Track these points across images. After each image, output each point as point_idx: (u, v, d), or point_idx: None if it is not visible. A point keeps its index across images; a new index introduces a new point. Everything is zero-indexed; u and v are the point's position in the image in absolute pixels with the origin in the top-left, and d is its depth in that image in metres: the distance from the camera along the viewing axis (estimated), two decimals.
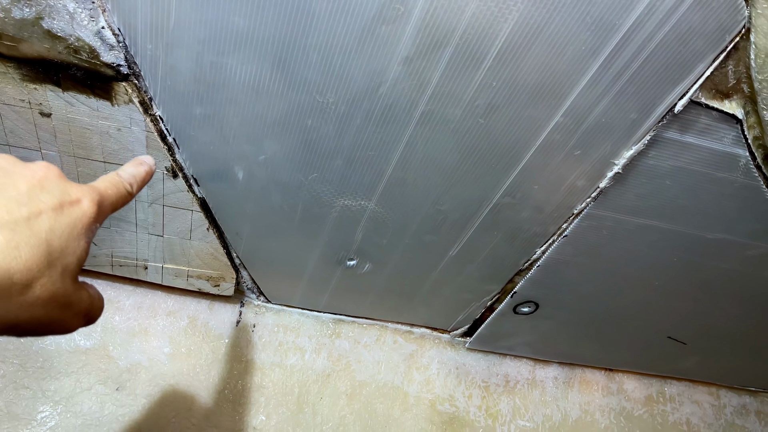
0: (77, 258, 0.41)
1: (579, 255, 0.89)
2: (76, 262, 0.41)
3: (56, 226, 0.39)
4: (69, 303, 0.41)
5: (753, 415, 1.38)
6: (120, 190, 0.49)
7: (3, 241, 0.35)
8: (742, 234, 0.83)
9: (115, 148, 0.71)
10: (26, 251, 0.36)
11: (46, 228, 0.38)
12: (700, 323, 1.08)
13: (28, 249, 0.37)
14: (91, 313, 0.45)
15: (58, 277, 0.39)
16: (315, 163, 0.73)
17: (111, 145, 0.70)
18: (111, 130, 0.69)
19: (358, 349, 1.11)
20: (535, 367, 1.23)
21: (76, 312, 0.43)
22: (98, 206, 0.44)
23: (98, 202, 0.44)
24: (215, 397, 0.98)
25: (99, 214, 0.44)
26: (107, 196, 0.47)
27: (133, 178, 0.52)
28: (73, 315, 0.42)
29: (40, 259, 0.37)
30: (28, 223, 0.38)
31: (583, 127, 0.67)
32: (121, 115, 0.67)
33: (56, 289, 0.39)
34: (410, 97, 0.64)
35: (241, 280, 1.00)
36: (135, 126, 0.68)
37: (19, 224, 0.37)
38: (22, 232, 0.37)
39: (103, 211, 0.45)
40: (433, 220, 0.83)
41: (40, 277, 0.37)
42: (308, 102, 0.65)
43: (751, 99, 0.63)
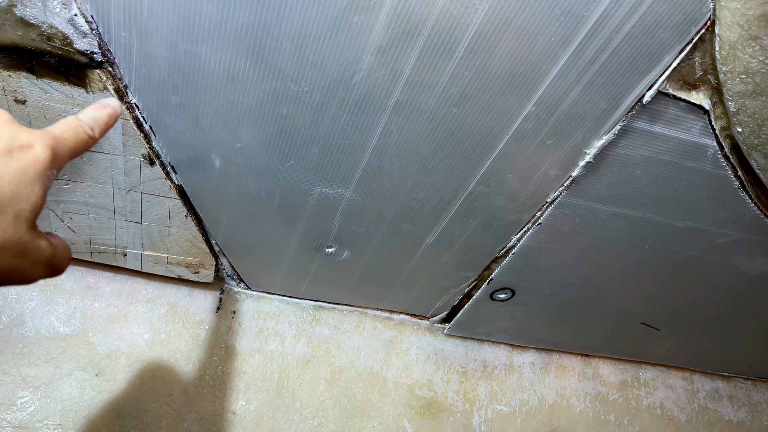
0: (31, 204, 0.40)
1: (553, 243, 0.90)
2: (30, 208, 0.40)
3: (4, 172, 0.38)
4: (25, 251, 0.40)
5: (725, 399, 1.41)
6: (79, 134, 0.47)
7: None
8: (711, 222, 0.85)
9: None
10: None
11: None
12: (673, 310, 1.11)
13: None
14: (53, 262, 0.44)
15: (10, 223, 0.38)
16: (291, 151, 0.74)
17: None
18: None
19: (337, 335, 1.12)
20: (513, 353, 1.25)
21: (35, 260, 0.41)
22: (53, 150, 0.42)
23: (52, 146, 0.43)
24: (195, 383, 0.99)
25: (54, 159, 0.42)
26: (64, 140, 0.45)
27: (95, 121, 0.50)
28: (32, 263, 0.41)
29: None
30: None
31: (554, 117, 0.68)
32: None
33: (8, 236, 0.38)
34: (384, 86, 0.64)
35: (221, 267, 1.01)
36: None
37: None
38: None
39: (59, 156, 0.43)
40: (409, 208, 0.84)
41: None
42: (283, 90, 0.65)
43: (717, 90, 0.65)
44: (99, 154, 0.74)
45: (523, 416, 1.20)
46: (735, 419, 1.39)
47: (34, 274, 0.42)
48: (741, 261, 0.94)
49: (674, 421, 1.32)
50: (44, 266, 0.43)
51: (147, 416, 0.94)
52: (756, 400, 1.44)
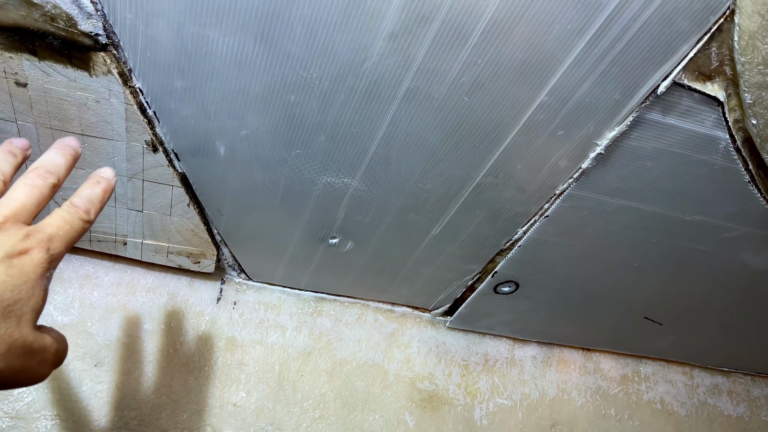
0: (32, 306, 0.41)
1: (560, 235, 0.89)
2: (32, 310, 0.41)
3: (6, 280, 0.40)
4: (31, 351, 0.41)
5: (725, 394, 1.41)
6: (74, 225, 0.48)
7: None
8: (719, 216, 0.85)
9: (94, 120, 0.69)
10: None
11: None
12: (677, 304, 1.10)
13: None
14: (58, 355, 0.46)
15: (15, 327, 0.39)
16: (298, 139, 0.73)
17: (89, 117, 0.69)
18: (89, 102, 0.67)
19: (339, 327, 1.11)
20: (514, 347, 1.24)
21: (42, 359, 0.43)
22: (49, 253, 0.44)
23: (49, 249, 0.44)
24: (195, 374, 0.98)
25: (51, 259, 0.44)
26: (59, 237, 0.46)
27: (90, 202, 0.51)
28: (39, 362, 0.43)
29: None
30: None
31: (567, 107, 0.67)
32: (100, 87, 0.65)
33: (13, 340, 0.39)
34: (395, 73, 0.63)
35: (222, 257, 1.00)
36: (114, 98, 0.67)
37: None
38: None
39: (55, 255, 0.45)
40: (416, 199, 0.83)
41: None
42: (292, 76, 0.64)
43: (733, 81, 0.64)
44: (101, 140, 0.72)
45: (524, 410, 1.20)
46: (734, 414, 1.39)
47: (41, 371, 0.44)
48: (747, 256, 0.94)
49: (674, 415, 1.32)
50: (51, 363, 0.45)
51: (146, 407, 0.93)
52: (755, 395, 1.44)
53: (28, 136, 0.71)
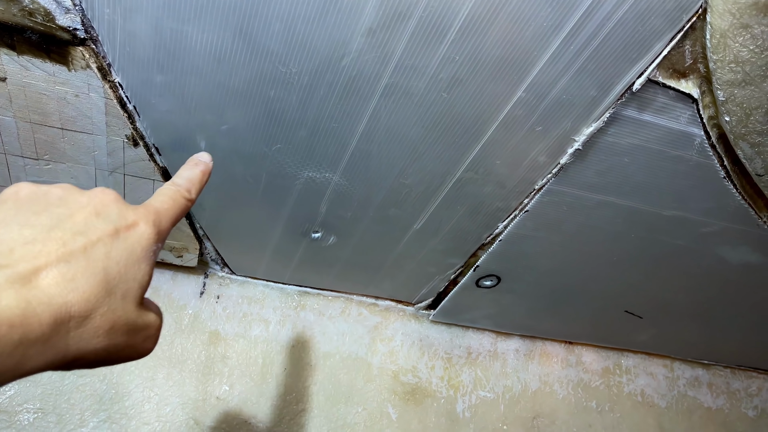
0: (138, 282, 0.40)
1: (540, 230, 0.90)
2: (138, 287, 0.40)
3: (113, 253, 0.39)
4: (135, 328, 0.40)
5: (705, 386, 1.43)
6: (178, 201, 0.47)
7: (59, 274, 0.35)
8: (696, 212, 0.86)
9: (73, 114, 0.69)
10: (83, 282, 0.36)
11: (102, 256, 0.38)
12: (656, 298, 1.12)
13: (85, 280, 0.36)
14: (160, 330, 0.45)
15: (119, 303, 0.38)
16: (278, 134, 0.73)
17: (69, 111, 0.69)
18: (68, 96, 0.67)
19: (322, 321, 1.12)
20: (497, 340, 1.25)
21: (146, 335, 0.42)
22: (156, 226, 0.43)
23: (155, 221, 0.43)
24: (178, 368, 0.98)
25: (158, 233, 0.43)
26: (164, 211, 0.45)
27: (190, 182, 0.50)
28: (144, 338, 0.42)
29: (97, 289, 0.37)
30: (84, 253, 0.37)
31: (544, 103, 0.68)
32: (79, 81, 0.65)
33: (117, 317, 0.38)
34: (374, 69, 0.63)
35: (205, 251, 1.00)
36: (93, 92, 0.67)
37: (75, 255, 0.37)
38: (78, 263, 0.36)
39: (162, 230, 0.44)
40: (397, 194, 0.84)
41: (99, 306, 0.37)
42: (271, 72, 0.64)
43: (706, 79, 0.65)
44: (81, 134, 0.72)
45: (507, 402, 1.21)
46: (714, 406, 1.41)
47: (146, 347, 0.43)
48: (724, 250, 0.95)
49: (654, 407, 1.34)
50: (155, 339, 0.44)
51: (129, 400, 0.94)
52: (735, 388, 1.46)
53: (7, 130, 0.71)
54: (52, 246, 0.36)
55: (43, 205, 0.40)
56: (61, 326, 0.35)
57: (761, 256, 0.96)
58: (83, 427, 0.90)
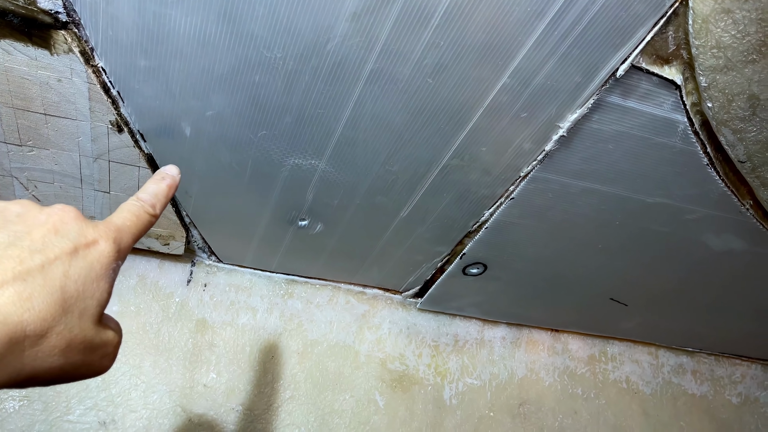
0: (97, 300, 0.40)
1: (526, 217, 0.91)
2: (96, 305, 0.40)
3: (72, 271, 0.38)
4: (91, 346, 0.40)
5: (689, 373, 1.45)
6: (141, 218, 0.47)
7: (14, 293, 0.35)
8: (680, 199, 0.87)
9: (56, 99, 0.69)
10: (39, 301, 0.36)
11: (59, 274, 0.38)
12: (641, 285, 1.13)
13: (42, 299, 0.36)
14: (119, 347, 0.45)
15: (76, 322, 0.38)
16: (264, 121, 0.73)
17: (51, 96, 0.68)
18: (51, 81, 0.67)
19: (310, 309, 1.12)
20: (484, 328, 1.26)
21: (104, 353, 0.42)
22: (117, 244, 0.43)
23: (116, 239, 0.43)
24: (165, 355, 0.98)
25: (119, 251, 0.43)
26: (126, 229, 0.45)
27: (155, 197, 0.50)
28: (102, 356, 0.42)
29: (54, 308, 0.37)
30: (41, 271, 0.37)
31: (529, 89, 0.68)
32: (61, 65, 0.65)
33: (74, 336, 0.38)
34: (359, 54, 0.63)
35: (192, 239, 1.00)
36: (76, 77, 0.66)
37: (32, 273, 0.36)
38: (35, 282, 0.36)
39: (123, 248, 0.44)
40: (383, 181, 0.84)
41: (55, 325, 0.37)
42: (255, 57, 0.64)
43: (689, 65, 0.65)
44: (65, 119, 0.72)
45: (493, 389, 1.22)
46: (698, 393, 1.43)
47: (104, 364, 0.43)
48: (708, 238, 0.96)
49: (639, 394, 1.36)
50: (112, 357, 0.44)
51: (116, 388, 0.93)
52: (718, 375, 1.48)
53: None
54: (8, 264, 0.36)
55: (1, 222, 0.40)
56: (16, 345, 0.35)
57: (744, 243, 0.97)
58: (69, 415, 0.90)
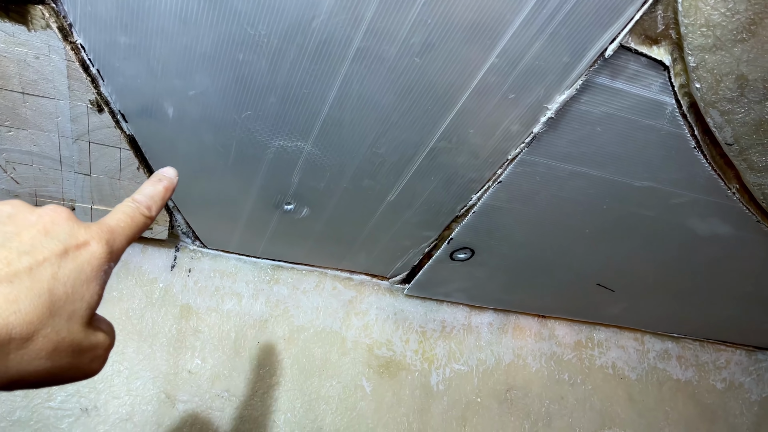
0: (87, 303, 0.39)
1: (513, 201, 0.90)
2: (86, 307, 0.39)
3: (60, 273, 0.38)
4: (80, 349, 0.39)
5: (674, 359, 1.46)
6: (136, 219, 0.46)
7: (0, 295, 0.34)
8: (667, 182, 0.86)
9: (34, 77, 0.67)
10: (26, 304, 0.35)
11: (48, 276, 0.37)
12: (628, 271, 1.13)
13: (29, 301, 0.35)
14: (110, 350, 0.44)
15: (64, 325, 0.38)
16: (248, 101, 0.71)
17: (29, 74, 0.67)
18: (28, 58, 0.65)
19: (296, 295, 1.11)
20: (471, 314, 1.26)
21: (93, 356, 0.41)
22: (109, 245, 0.42)
23: (109, 240, 0.42)
24: (149, 341, 0.97)
25: (111, 253, 0.42)
26: (120, 230, 0.44)
27: (151, 199, 0.49)
28: (91, 359, 0.41)
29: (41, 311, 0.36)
30: (29, 273, 0.36)
31: (517, 70, 0.67)
32: (39, 42, 0.63)
33: (61, 339, 0.38)
34: (345, 32, 0.62)
35: (176, 224, 0.98)
36: (54, 54, 0.65)
37: (19, 275, 0.36)
38: (22, 284, 0.36)
39: (116, 249, 0.43)
40: (370, 164, 0.83)
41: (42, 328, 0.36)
42: (239, 34, 0.63)
43: (678, 45, 0.65)
44: (43, 98, 0.70)
45: (480, 375, 1.22)
46: (683, 378, 1.44)
47: (93, 368, 0.42)
48: (694, 222, 0.96)
49: (625, 379, 1.36)
50: (103, 359, 0.43)
51: (98, 375, 0.92)
52: (703, 360, 1.49)
53: None
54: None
55: None
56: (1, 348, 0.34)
57: (729, 228, 0.97)
58: (51, 401, 0.89)
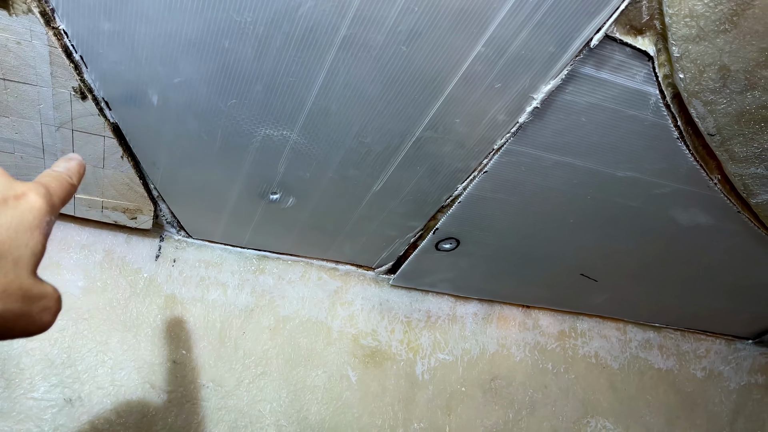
0: (31, 250, 0.41)
1: (499, 191, 0.91)
2: (31, 254, 0.41)
3: (2, 220, 0.40)
4: (29, 295, 0.41)
5: (656, 348, 1.48)
6: (63, 182, 0.49)
7: None
8: (650, 173, 0.87)
9: (15, 63, 0.66)
10: None
11: None
12: (611, 261, 1.14)
13: None
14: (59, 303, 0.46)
15: (11, 268, 0.40)
16: (233, 89, 0.71)
17: (10, 60, 0.66)
18: (9, 44, 0.64)
19: (282, 285, 1.11)
20: (456, 304, 1.27)
21: (44, 306, 0.43)
22: (46, 198, 0.44)
23: (45, 194, 0.45)
24: (133, 332, 0.96)
25: (50, 205, 0.45)
26: (53, 188, 0.47)
27: (69, 170, 0.52)
28: (41, 309, 0.43)
29: None
30: None
31: (503, 59, 0.67)
32: (20, 27, 0.62)
33: (9, 281, 0.39)
34: (331, 19, 0.62)
35: (160, 213, 0.97)
36: (36, 39, 0.64)
37: None
38: None
39: (54, 203, 0.46)
40: (356, 153, 0.83)
41: None
42: (225, 21, 0.62)
43: (662, 36, 0.65)
44: (25, 85, 0.69)
45: (465, 365, 1.23)
46: (664, 367, 1.46)
47: (44, 319, 0.44)
48: (676, 212, 0.98)
49: (607, 369, 1.38)
50: (54, 311, 0.45)
51: (82, 365, 0.91)
52: (684, 349, 1.51)
53: None
54: None
55: None
56: None
57: (711, 219, 0.99)
58: (34, 392, 0.88)
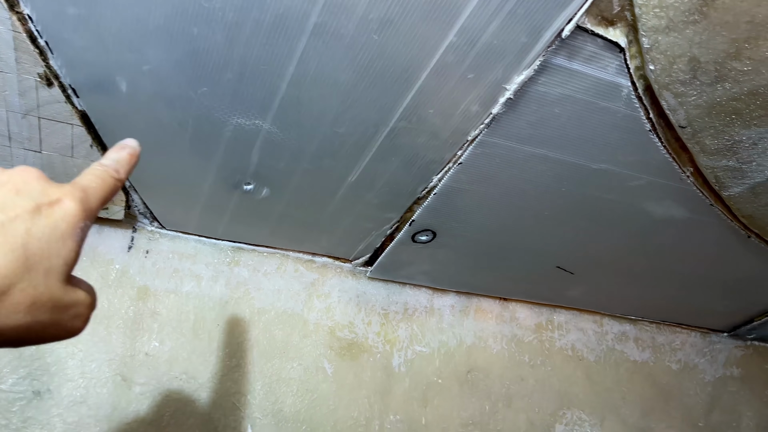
0: (63, 259, 0.40)
1: (473, 183, 0.91)
2: (63, 263, 0.40)
3: (34, 229, 0.39)
4: (60, 305, 0.41)
5: (632, 341, 1.49)
6: (106, 181, 0.47)
7: None
8: (623, 165, 0.88)
9: None
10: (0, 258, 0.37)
11: (21, 232, 0.38)
12: (587, 254, 1.15)
13: (2, 255, 0.37)
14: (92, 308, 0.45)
15: (41, 279, 0.39)
16: (204, 76, 0.70)
17: None
18: None
19: (257, 277, 1.10)
20: (434, 296, 1.27)
21: (75, 313, 0.42)
22: (83, 203, 0.43)
23: (82, 198, 0.43)
24: (104, 323, 0.95)
25: (86, 210, 0.43)
26: (92, 190, 0.45)
27: (118, 163, 0.50)
28: (72, 317, 0.42)
29: (15, 265, 0.37)
30: (1, 229, 0.37)
31: (475, 49, 0.67)
32: None
33: (39, 293, 0.39)
34: (301, 6, 0.61)
35: (132, 204, 0.96)
36: (0, 25, 0.62)
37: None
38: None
39: (90, 208, 0.44)
40: (331, 143, 0.82)
41: (17, 282, 0.37)
42: (193, 6, 0.61)
43: (633, 27, 0.65)
44: None
45: (442, 357, 1.23)
46: (640, 359, 1.48)
47: (75, 325, 0.43)
48: (650, 205, 0.98)
49: (584, 361, 1.39)
50: (86, 317, 0.44)
51: (51, 357, 0.90)
52: (659, 342, 1.53)
53: None
54: None
55: None
56: None
57: (684, 211, 0.99)
58: (1, 384, 0.86)
